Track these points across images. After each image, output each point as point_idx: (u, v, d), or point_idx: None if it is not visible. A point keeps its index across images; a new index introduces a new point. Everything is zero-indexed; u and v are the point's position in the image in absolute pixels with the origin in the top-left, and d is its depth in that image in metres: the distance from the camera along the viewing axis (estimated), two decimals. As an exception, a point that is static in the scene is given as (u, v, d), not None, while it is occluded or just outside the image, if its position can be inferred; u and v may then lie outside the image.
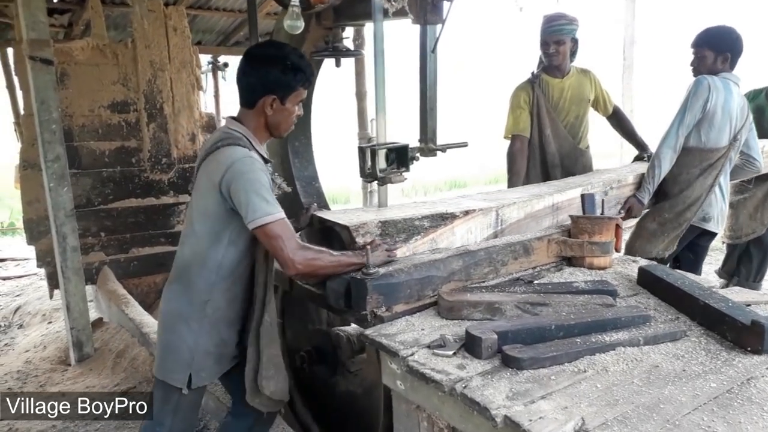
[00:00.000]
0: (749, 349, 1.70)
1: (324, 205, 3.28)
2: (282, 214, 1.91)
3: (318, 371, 2.90)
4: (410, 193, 12.49)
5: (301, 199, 3.19)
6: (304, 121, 3.21)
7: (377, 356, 2.76)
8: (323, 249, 2.00)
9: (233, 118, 2.10)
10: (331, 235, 2.21)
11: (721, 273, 4.36)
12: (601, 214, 2.50)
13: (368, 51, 3.73)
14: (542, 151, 3.55)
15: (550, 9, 3.51)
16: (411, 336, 1.78)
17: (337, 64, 3.06)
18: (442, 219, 2.23)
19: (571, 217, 2.37)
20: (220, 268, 2.02)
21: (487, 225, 2.36)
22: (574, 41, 3.47)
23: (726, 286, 3.87)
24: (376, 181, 2.48)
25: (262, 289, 2.10)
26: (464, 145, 2.66)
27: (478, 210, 2.33)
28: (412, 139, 2.54)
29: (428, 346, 1.70)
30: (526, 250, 2.25)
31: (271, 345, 2.13)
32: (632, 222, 3.24)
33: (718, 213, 3.20)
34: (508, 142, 3.65)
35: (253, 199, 1.86)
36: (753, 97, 3.95)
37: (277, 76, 2.00)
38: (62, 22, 6.16)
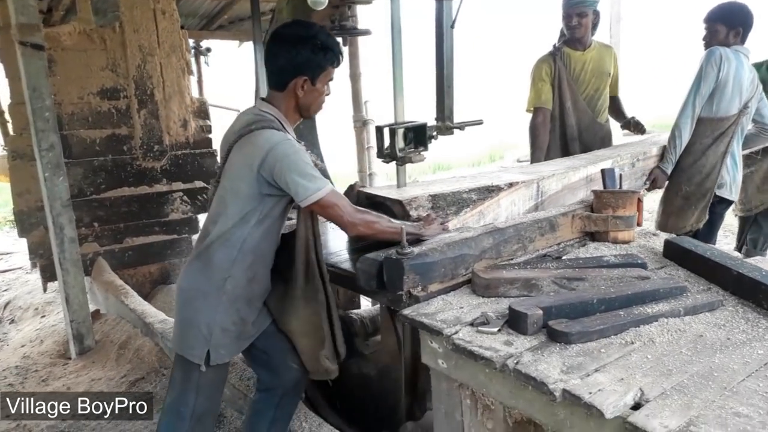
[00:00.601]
0: (788, 316, 1.71)
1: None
2: (330, 185, 1.96)
3: (332, 356, 2.87)
4: (395, 177, 12.42)
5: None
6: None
7: (396, 337, 2.76)
8: (382, 215, 2.07)
9: (264, 99, 2.10)
10: (380, 211, 2.22)
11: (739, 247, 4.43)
12: (620, 188, 2.50)
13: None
14: (562, 124, 3.56)
15: None
16: (451, 314, 1.76)
17: (345, 44, 3.01)
18: (488, 192, 2.27)
19: (595, 192, 2.36)
20: (243, 244, 2.03)
21: (528, 197, 2.40)
22: (596, 14, 3.49)
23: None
24: (394, 161, 2.45)
25: (316, 268, 2.12)
26: (480, 122, 2.65)
27: (521, 182, 2.36)
28: (418, 118, 2.51)
29: (471, 324, 1.69)
30: (552, 227, 2.24)
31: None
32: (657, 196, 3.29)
33: (730, 180, 3.26)
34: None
35: (301, 180, 1.89)
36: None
37: (307, 56, 1.99)
38: (41, 7, 5.96)
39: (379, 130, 2.41)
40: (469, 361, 1.61)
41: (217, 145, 5.35)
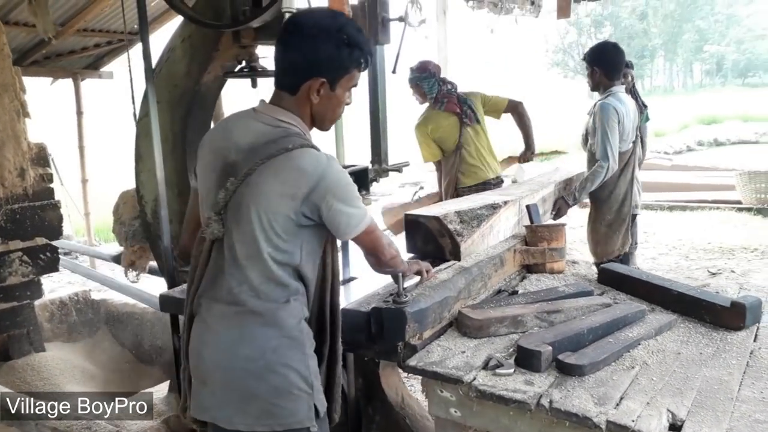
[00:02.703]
0: (730, 327, 1.96)
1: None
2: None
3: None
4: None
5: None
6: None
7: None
8: None
9: (272, 103, 1.65)
10: (412, 228, 2.36)
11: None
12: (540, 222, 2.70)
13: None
14: None
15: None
16: (459, 360, 1.74)
17: (254, 85, 2.87)
18: (493, 208, 2.49)
19: (529, 227, 2.52)
20: (295, 278, 1.63)
21: (515, 213, 2.68)
22: (426, 86, 3.97)
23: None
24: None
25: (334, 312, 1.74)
26: (407, 164, 2.71)
27: (511, 201, 2.64)
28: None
29: (484, 368, 1.69)
30: (502, 262, 2.33)
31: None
32: None
33: (639, 198, 3.73)
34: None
35: (351, 210, 1.57)
36: None
37: (329, 53, 1.57)
38: None
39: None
40: (495, 405, 1.61)
41: (59, 195, 4.74)
